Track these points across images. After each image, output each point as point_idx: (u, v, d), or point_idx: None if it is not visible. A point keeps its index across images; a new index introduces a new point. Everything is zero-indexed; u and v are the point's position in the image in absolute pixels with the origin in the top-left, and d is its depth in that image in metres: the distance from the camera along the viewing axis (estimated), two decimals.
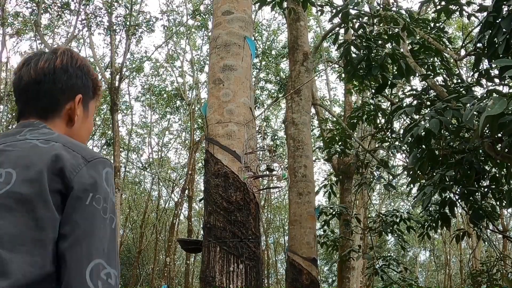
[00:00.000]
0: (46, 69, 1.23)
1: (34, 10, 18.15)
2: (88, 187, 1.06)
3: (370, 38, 5.64)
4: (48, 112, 1.22)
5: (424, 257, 35.95)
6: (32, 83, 1.22)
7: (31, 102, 1.22)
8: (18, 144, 1.11)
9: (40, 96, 1.22)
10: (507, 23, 3.81)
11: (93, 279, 1.01)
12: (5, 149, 1.10)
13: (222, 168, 4.23)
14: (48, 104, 1.22)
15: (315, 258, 6.97)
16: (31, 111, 1.22)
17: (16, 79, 1.25)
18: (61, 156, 1.07)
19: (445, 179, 4.93)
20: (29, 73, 1.22)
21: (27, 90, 1.23)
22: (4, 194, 1.03)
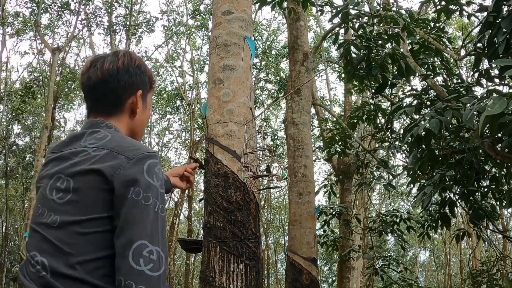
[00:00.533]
0: (110, 70, 1.42)
1: (34, 10, 18.14)
2: (128, 183, 1.24)
3: (370, 38, 5.64)
4: (114, 107, 1.44)
5: (424, 257, 35.96)
6: (100, 82, 1.42)
7: (99, 99, 1.43)
8: (78, 152, 1.32)
9: (107, 93, 1.42)
10: (507, 23, 3.81)
11: (134, 259, 1.19)
12: (68, 158, 1.32)
13: (222, 168, 4.23)
14: (113, 100, 1.43)
15: (315, 258, 6.97)
16: (99, 108, 1.44)
17: (85, 79, 1.44)
18: (111, 167, 1.26)
19: (445, 179, 4.93)
20: (96, 74, 1.42)
21: (95, 88, 1.43)
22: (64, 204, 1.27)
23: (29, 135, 25.62)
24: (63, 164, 1.31)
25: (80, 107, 31.42)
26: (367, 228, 9.63)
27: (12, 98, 21.23)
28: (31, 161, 22.89)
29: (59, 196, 1.28)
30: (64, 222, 1.25)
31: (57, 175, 1.30)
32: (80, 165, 1.27)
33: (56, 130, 24.42)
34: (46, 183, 1.32)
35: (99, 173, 1.25)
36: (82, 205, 1.25)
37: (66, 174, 1.29)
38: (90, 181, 1.25)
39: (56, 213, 1.27)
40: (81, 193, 1.26)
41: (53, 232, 1.25)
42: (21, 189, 25.15)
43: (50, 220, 1.27)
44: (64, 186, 1.28)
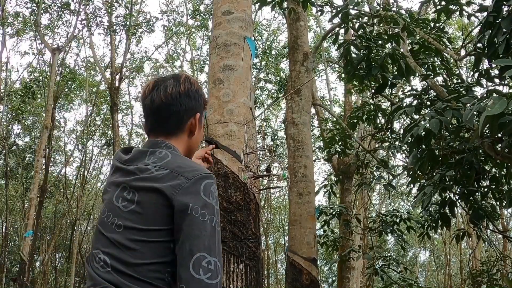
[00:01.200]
0: (173, 94, 1.56)
1: (34, 10, 18.13)
2: (187, 202, 1.40)
3: (370, 38, 5.64)
4: (175, 128, 1.58)
5: (424, 257, 35.95)
6: (164, 106, 1.56)
7: (162, 121, 1.57)
8: (142, 168, 1.49)
9: (170, 116, 1.57)
10: (507, 23, 3.81)
11: (195, 268, 1.35)
12: (138, 168, 1.49)
13: (222, 168, 4.23)
14: (175, 122, 1.58)
15: (315, 258, 6.97)
16: (161, 129, 1.58)
17: (148, 101, 1.58)
18: (172, 187, 1.42)
19: (445, 179, 4.93)
20: (160, 97, 1.56)
21: (159, 111, 1.57)
22: (128, 214, 1.45)
23: (29, 135, 25.62)
24: (129, 177, 1.49)
25: (80, 107, 31.46)
26: (367, 228, 9.64)
27: (12, 98, 21.23)
28: (31, 161, 22.89)
29: (124, 205, 1.47)
30: (127, 228, 1.43)
31: (123, 185, 1.49)
32: (144, 181, 1.45)
33: (56, 130, 24.43)
34: (113, 190, 1.51)
35: (160, 192, 1.42)
36: (144, 217, 1.43)
37: (131, 187, 1.47)
38: (152, 197, 1.43)
39: (120, 219, 1.45)
40: (144, 207, 1.43)
41: (116, 235, 1.44)
42: (21, 189, 25.14)
43: (114, 224, 1.46)
44: (129, 197, 1.46)
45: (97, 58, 21.84)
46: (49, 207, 28.35)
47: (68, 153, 26.43)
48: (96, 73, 24.67)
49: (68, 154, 26.33)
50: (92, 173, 28.00)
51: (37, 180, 15.97)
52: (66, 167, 25.86)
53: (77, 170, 26.58)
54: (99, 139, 26.20)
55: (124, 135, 25.62)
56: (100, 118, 25.61)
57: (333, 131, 9.83)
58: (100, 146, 26.56)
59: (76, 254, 24.21)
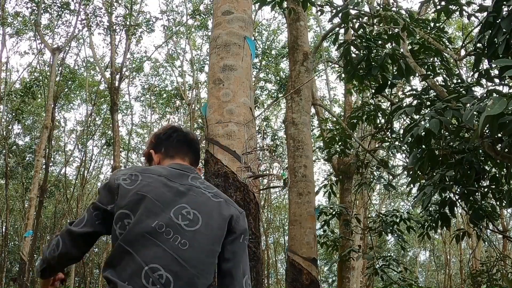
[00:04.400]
0: (196, 136, 1.87)
1: (34, 10, 18.13)
2: (243, 231, 1.68)
3: (370, 38, 5.63)
4: (197, 161, 1.85)
5: (424, 257, 35.95)
6: (194, 141, 1.84)
7: (194, 152, 1.83)
8: (196, 191, 1.65)
9: (198, 151, 1.85)
10: (507, 23, 3.81)
11: (247, 285, 1.67)
12: (189, 189, 1.64)
13: (222, 168, 4.23)
14: (198, 156, 1.86)
15: (315, 258, 6.97)
16: (190, 157, 1.81)
17: (184, 132, 1.85)
18: (232, 216, 1.65)
19: (445, 179, 4.93)
20: (193, 135, 1.86)
21: (191, 143, 1.83)
22: (193, 233, 1.55)
23: (29, 135, 25.62)
24: (184, 196, 1.61)
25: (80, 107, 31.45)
26: (367, 228, 9.63)
27: (12, 98, 21.22)
28: (31, 161, 22.89)
29: (186, 224, 1.56)
30: (194, 247, 1.53)
31: (181, 205, 1.59)
32: (208, 204, 1.63)
33: (56, 130, 24.42)
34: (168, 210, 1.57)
35: (226, 219, 1.62)
36: (211, 239, 1.57)
37: (192, 207, 1.59)
38: (220, 222, 1.61)
39: (184, 237, 1.53)
40: (210, 229, 1.58)
41: (182, 253, 1.51)
42: (21, 189, 25.14)
43: (178, 242, 1.52)
44: (191, 217, 1.57)
45: (97, 58, 21.84)
46: (49, 207, 28.35)
47: (68, 153, 26.44)
48: (96, 73, 24.68)
49: (68, 154, 26.34)
50: (92, 173, 28.01)
51: (37, 180, 15.97)
52: (66, 167, 25.87)
53: (77, 170, 26.59)
54: (99, 139, 26.20)
55: (124, 135, 25.62)
56: (100, 118, 25.61)
57: (333, 131, 9.82)
58: (100, 146, 26.57)
59: None
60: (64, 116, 28.88)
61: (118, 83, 18.51)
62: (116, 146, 17.74)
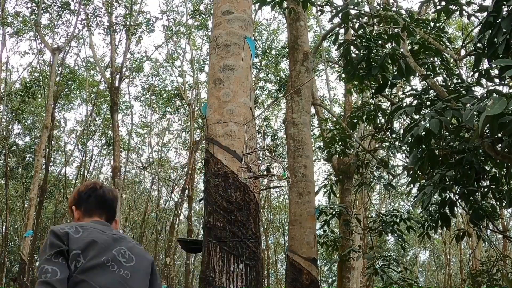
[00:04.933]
0: (113, 194, 2.22)
1: (34, 10, 18.13)
2: (156, 271, 2.12)
3: (370, 38, 5.63)
4: (113, 218, 2.20)
5: (424, 257, 35.95)
6: (111, 200, 2.19)
7: (109, 210, 2.18)
8: (126, 238, 2.08)
9: (113, 208, 2.19)
10: (507, 23, 3.82)
11: None
12: (120, 238, 2.05)
13: (222, 168, 4.23)
14: (114, 213, 2.20)
15: (315, 258, 6.97)
16: (105, 215, 2.17)
17: (101, 192, 2.18)
18: (152, 260, 2.12)
19: (445, 179, 4.93)
20: (109, 194, 2.20)
21: (107, 203, 2.18)
22: (131, 267, 1.98)
23: (29, 135, 25.62)
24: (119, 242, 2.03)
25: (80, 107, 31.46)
26: (367, 228, 9.63)
27: (12, 98, 21.22)
28: (31, 161, 22.89)
29: (125, 261, 1.98)
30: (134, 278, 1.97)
31: (120, 247, 2.01)
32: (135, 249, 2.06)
33: (56, 130, 24.42)
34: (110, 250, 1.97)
35: (150, 262, 2.09)
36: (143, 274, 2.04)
37: (128, 250, 2.02)
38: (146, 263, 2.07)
39: (126, 270, 1.96)
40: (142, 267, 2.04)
41: (127, 281, 1.94)
42: (21, 189, 25.15)
43: (122, 273, 1.95)
44: (127, 256, 2.00)
45: (97, 58, 21.84)
46: (49, 207, 28.36)
47: (68, 153, 26.44)
48: (96, 73, 24.68)
49: (68, 154, 26.35)
50: (92, 173, 28.00)
51: (37, 180, 15.98)
52: (66, 167, 25.87)
53: (77, 170, 26.59)
54: (99, 139, 26.20)
55: (124, 135, 25.62)
56: (100, 118, 25.61)
57: (333, 131, 9.82)
58: (100, 146, 26.57)
59: None
60: (64, 116, 28.85)
61: (118, 83, 18.51)
62: (116, 146, 17.73)
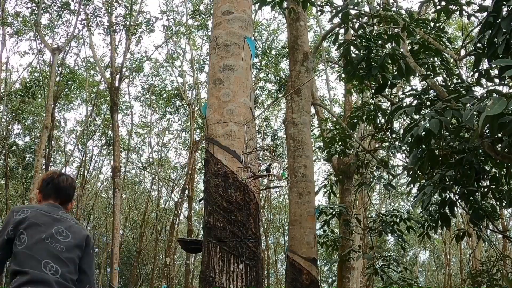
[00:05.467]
0: (68, 182, 2.73)
1: (34, 10, 18.13)
2: (92, 245, 2.59)
3: (370, 38, 5.63)
4: (67, 201, 2.73)
5: (424, 257, 35.95)
6: (65, 187, 2.71)
7: (63, 195, 2.70)
8: (66, 219, 2.57)
9: (67, 194, 2.72)
10: (507, 23, 3.82)
11: (94, 279, 2.58)
12: (61, 218, 2.55)
13: (222, 168, 4.23)
14: (68, 197, 2.73)
15: (315, 258, 6.97)
16: (60, 199, 2.68)
17: (57, 180, 2.71)
18: (87, 235, 2.58)
19: (445, 179, 4.93)
20: (64, 182, 2.72)
21: (62, 189, 2.70)
22: (67, 243, 2.47)
23: (29, 135, 25.62)
24: (59, 222, 2.54)
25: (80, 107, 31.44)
26: (367, 228, 9.63)
27: (12, 98, 21.22)
28: (31, 161, 22.89)
29: (62, 238, 2.47)
30: (68, 251, 2.47)
31: (58, 227, 2.51)
32: (72, 228, 2.56)
33: (56, 130, 24.42)
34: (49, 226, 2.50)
35: (84, 236, 2.57)
36: (77, 247, 2.52)
37: (65, 228, 2.52)
38: (81, 237, 2.55)
39: (62, 245, 2.46)
40: (76, 241, 2.52)
41: (62, 254, 2.43)
42: (21, 189, 25.14)
43: (58, 248, 2.43)
44: (65, 234, 2.50)
45: (97, 58, 21.83)
46: None
47: (68, 153, 26.44)
48: (96, 73, 24.68)
49: (68, 154, 26.34)
50: (92, 173, 28.01)
51: (37, 180, 15.96)
52: (66, 167, 25.85)
53: (77, 170, 26.59)
54: (99, 139, 26.20)
55: (124, 135, 25.62)
56: (100, 118, 25.61)
57: (333, 131, 9.82)
58: (100, 146, 26.57)
59: None
60: (64, 116, 28.83)
61: (118, 83, 18.51)
62: (116, 146, 17.74)
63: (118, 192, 17.46)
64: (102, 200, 31.67)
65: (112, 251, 17.53)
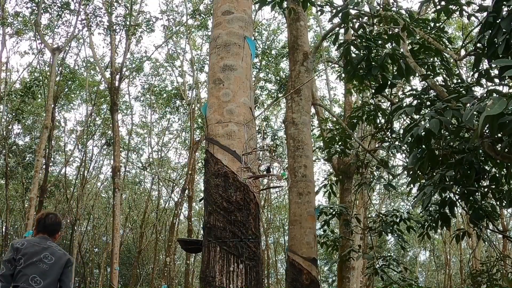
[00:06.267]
0: (54, 220, 3.80)
1: (34, 10, 18.13)
2: (70, 264, 3.72)
3: (370, 38, 5.64)
4: (54, 234, 3.78)
5: (424, 257, 35.97)
6: (52, 224, 3.77)
7: (49, 230, 3.74)
8: (52, 248, 3.66)
9: (53, 229, 3.78)
10: (507, 23, 3.82)
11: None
12: (48, 247, 3.64)
13: (222, 168, 4.23)
14: (54, 231, 3.79)
15: (315, 258, 6.97)
16: (48, 233, 3.74)
17: (44, 220, 3.77)
18: (68, 259, 3.72)
19: (445, 179, 4.93)
20: (50, 220, 3.78)
21: (49, 226, 3.75)
22: (51, 264, 3.59)
23: (29, 135, 25.62)
24: (46, 250, 3.61)
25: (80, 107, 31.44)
26: (367, 228, 9.63)
27: (12, 98, 21.22)
28: (31, 161, 22.88)
29: (47, 261, 3.56)
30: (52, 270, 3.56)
31: (45, 253, 3.58)
32: (56, 253, 3.64)
33: (56, 130, 24.42)
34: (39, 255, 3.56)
35: (65, 260, 3.66)
36: (58, 268, 3.60)
37: (50, 254, 3.59)
38: (62, 262, 3.63)
39: (46, 265, 3.54)
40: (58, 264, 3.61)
41: (46, 272, 3.53)
42: (21, 189, 25.14)
43: (44, 267, 3.52)
44: (49, 258, 3.58)
45: (97, 58, 21.83)
46: (49, 207, 28.32)
47: (68, 153, 26.44)
48: (96, 73, 24.67)
49: (68, 154, 26.34)
50: (92, 173, 28.01)
51: (37, 180, 15.97)
52: (66, 167, 25.86)
53: (77, 170, 26.59)
54: (99, 139, 26.20)
55: (124, 135, 25.62)
56: (100, 118, 25.61)
57: (333, 131, 9.82)
58: (100, 146, 26.57)
59: (76, 254, 24.21)
60: (64, 116, 28.83)
61: (118, 83, 18.51)
62: (116, 146, 17.74)
63: (118, 192, 17.46)
64: (102, 200, 31.68)
65: (112, 251, 17.53)
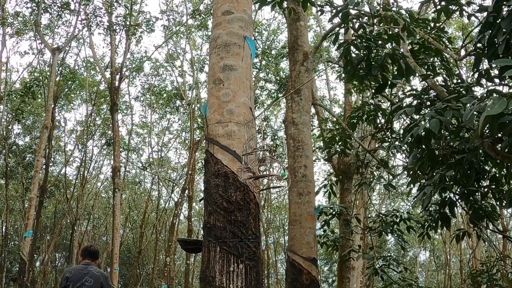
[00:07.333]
0: (94, 249, 5.65)
1: (34, 10, 18.13)
2: (107, 283, 5.43)
3: (370, 38, 5.63)
4: (95, 259, 5.55)
5: (424, 257, 35.96)
6: (94, 252, 5.56)
7: (92, 256, 5.50)
8: (92, 272, 5.31)
9: (95, 255, 5.58)
10: (507, 23, 3.82)
11: None
12: (89, 272, 5.29)
13: (222, 168, 4.23)
14: (96, 257, 5.58)
15: (315, 258, 6.97)
16: (91, 259, 5.45)
17: (88, 249, 5.54)
18: (104, 275, 5.47)
19: (445, 179, 4.93)
20: (92, 248, 5.60)
21: (92, 253, 5.52)
22: (91, 285, 5.24)
23: (29, 135, 25.62)
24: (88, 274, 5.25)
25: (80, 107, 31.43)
26: (367, 228, 9.63)
27: (12, 98, 21.22)
28: (31, 161, 22.90)
29: (88, 282, 5.19)
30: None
31: (87, 278, 5.22)
32: (94, 275, 5.28)
33: (56, 130, 24.42)
34: (82, 276, 5.23)
35: (102, 280, 5.35)
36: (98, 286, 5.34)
37: (90, 278, 5.23)
38: (101, 281, 5.29)
39: (89, 284, 5.20)
40: (97, 284, 5.26)
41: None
42: (21, 189, 25.14)
43: (87, 286, 5.19)
44: (90, 280, 5.21)
45: (97, 58, 21.84)
46: (49, 207, 28.36)
47: (68, 153, 26.44)
48: (96, 73, 24.68)
49: (68, 154, 26.34)
50: (92, 173, 28.02)
51: (37, 180, 15.98)
52: (66, 167, 25.87)
53: (77, 170, 26.60)
54: (99, 139, 26.20)
55: (124, 135, 25.61)
56: (100, 118, 25.61)
57: (333, 131, 9.82)
58: (100, 146, 26.57)
59: (76, 254, 24.19)
60: (64, 116, 28.83)
61: (118, 83, 18.51)
62: (116, 146, 17.74)
63: (118, 192, 17.46)
64: (102, 200, 31.67)
65: (112, 251, 17.54)
